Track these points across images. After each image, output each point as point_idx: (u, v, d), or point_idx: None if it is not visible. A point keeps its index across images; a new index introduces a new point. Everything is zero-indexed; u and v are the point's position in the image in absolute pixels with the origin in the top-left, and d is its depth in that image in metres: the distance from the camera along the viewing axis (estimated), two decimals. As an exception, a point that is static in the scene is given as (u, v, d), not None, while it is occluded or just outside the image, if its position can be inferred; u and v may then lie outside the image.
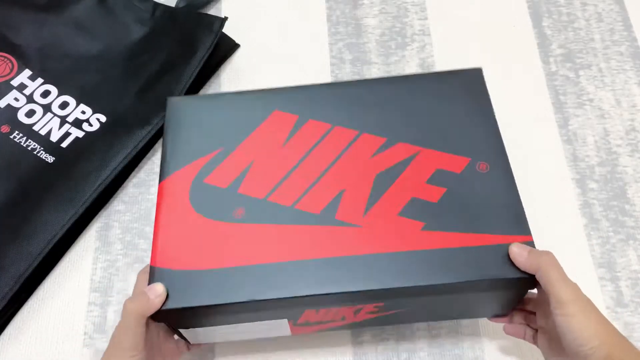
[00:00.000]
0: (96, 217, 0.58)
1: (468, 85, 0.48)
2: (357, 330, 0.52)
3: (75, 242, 0.57)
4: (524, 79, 0.65)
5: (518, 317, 0.46)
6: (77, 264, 0.56)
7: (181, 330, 0.43)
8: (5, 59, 0.62)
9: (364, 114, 0.47)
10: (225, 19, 0.64)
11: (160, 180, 0.45)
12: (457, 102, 0.47)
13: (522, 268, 0.39)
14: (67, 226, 0.54)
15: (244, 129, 0.47)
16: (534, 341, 0.45)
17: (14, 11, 0.64)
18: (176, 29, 0.64)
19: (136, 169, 0.60)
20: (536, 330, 0.45)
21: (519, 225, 0.41)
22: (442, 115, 0.46)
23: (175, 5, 0.68)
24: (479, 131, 0.46)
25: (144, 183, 0.60)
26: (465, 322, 0.52)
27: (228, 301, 0.39)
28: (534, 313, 0.45)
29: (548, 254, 0.39)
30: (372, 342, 0.52)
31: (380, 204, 0.43)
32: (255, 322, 0.43)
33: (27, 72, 0.61)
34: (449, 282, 0.39)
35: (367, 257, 0.40)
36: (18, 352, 0.52)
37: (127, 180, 0.60)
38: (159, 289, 0.39)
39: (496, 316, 0.48)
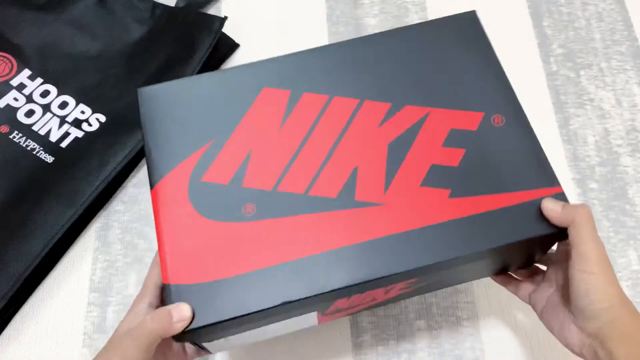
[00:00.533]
0: (96, 217, 0.58)
1: (465, 31, 0.45)
2: (357, 330, 0.52)
3: (74, 242, 0.57)
4: (525, 78, 0.65)
5: (522, 272, 0.46)
6: (77, 264, 0.56)
7: (203, 344, 0.40)
8: (5, 59, 0.62)
9: (362, 77, 0.43)
10: (225, 18, 0.64)
11: (151, 187, 0.41)
12: (456, 51, 0.44)
13: (556, 223, 0.38)
14: (66, 226, 0.54)
15: (233, 114, 0.43)
16: (529, 300, 0.44)
17: (14, 11, 0.64)
18: (176, 28, 0.64)
19: (136, 169, 0.60)
20: (534, 289, 0.44)
21: (547, 176, 0.39)
22: (444, 68, 0.43)
23: (175, 4, 0.68)
24: (486, 81, 0.43)
25: (143, 183, 0.59)
26: (465, 322, 0.52)
27: (258, 309, 0.36)
28: (537, 272, 0.45)
29: (584, 207, 0.38)
30: (372, 342, 0.52)
31: (399, 176, 0.40)
32: (284, 321, 0.40)
33: (27, 72, 0.61)
34: (486, 248, 0.37)
35: (397, 237, 0.38)
36: (18, 352, 0.52)
37: (127, 180, 0.60)
38: (185, 312, 0.36)
39: (502, 272, 0.46)
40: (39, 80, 0.61)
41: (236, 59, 0.67)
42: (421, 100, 0.43)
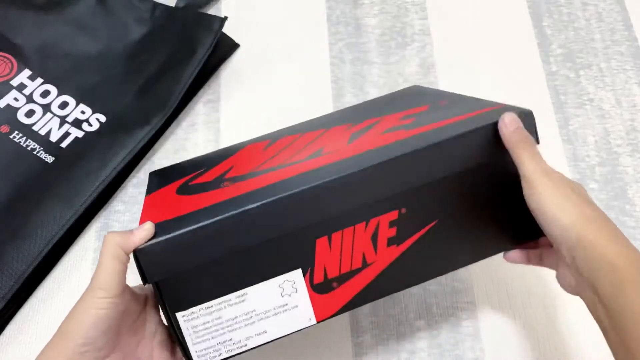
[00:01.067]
0: (96, 217, 0.58)
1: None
2: (357, 330, 0.52)
3: (75, 242, 0.57)
4: (525, 78, 0.65)
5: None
6: (77, 264, 0.56)
7: (181, 325, 0.37)
8: (5, 59, 0.62)
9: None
10: (225, 18, 0.64)
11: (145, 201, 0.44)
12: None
13: (503, 140, 0.38)
14: (66, 226, 0.54)
15: (219, 159, 0.48)
16: (540, 261, 0.43)
17: (14, 11, 0.64)
18: (176, 28, 0.64)
19: (136, 169, 0.60)
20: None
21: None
22: None
23: (175, 5, 0.68)
24: None
25: (143, 183, 0.59)
26: (465, 322, 0.52)
27: (217, 218, 0.35)
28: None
29: (528, 137, 0.38)
30: (372, 342, 0.52)
31: (362, 137, 0.43)
32: (265, 289, 0.38)
33: (27, 72, 0.61)
34: (436, 142, 0.38)
35: (358, 156, 0.39)
36: (18, 352, 0.52)
37: (127, 180, 0.60)
38: (146, 224, 0.36)
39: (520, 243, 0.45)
40: (39, 80, 0.61)
41: (236, 59, 0.67)
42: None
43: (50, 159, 0.57)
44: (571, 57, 0.66)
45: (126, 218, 0.58)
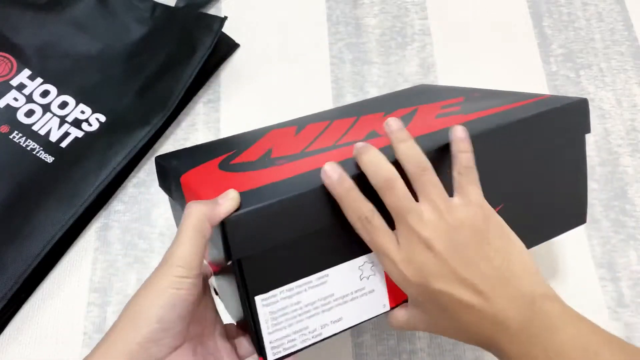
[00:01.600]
0: (96, 217, 0.58)
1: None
2: (357, 330, 0.52)
3: (74, 243, 0.57)
4: (525, 78, 0.65)
5: None
6: (77, 264, 0.56)
7: (259, 311, 0.33)
8: (5, 59, 0.62)
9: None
10: (225, 18, 0.64)
11: (178, 177, 0.40)
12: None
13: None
14: (66, 226, 0.54)
15: (245, 142, 0.44)
16: None
17: (14, 11, 0.64)
18: (176, 28, 0.64)
19: (136, 169, 0.60)
20: None
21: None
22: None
23: (175, 4, 0.68)
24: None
25: (143, 183, 0.59)
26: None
27: (312, 188, 0.33)
28: None
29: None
30: (372, 342, 0.52)
31: (415, 121, 0.42)
32: (345, 270, 0.35)
33: (27, 72, 0.61)
34: (526, 116, 0.38)
35: (435, 132, 0.39)
36: (18, 352, 0.52)
37: (127, 180, 0.60)
38: (230, 192, 0.32)
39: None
40: (39, 80, 0.61)
41: (236, 59, 0.67)
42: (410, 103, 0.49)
43: (50, 159, 0.57)
44: (571, 57, 0.66)
45: (126, 218, 0.58)
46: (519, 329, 0.31)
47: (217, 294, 0.42)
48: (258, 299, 0.33)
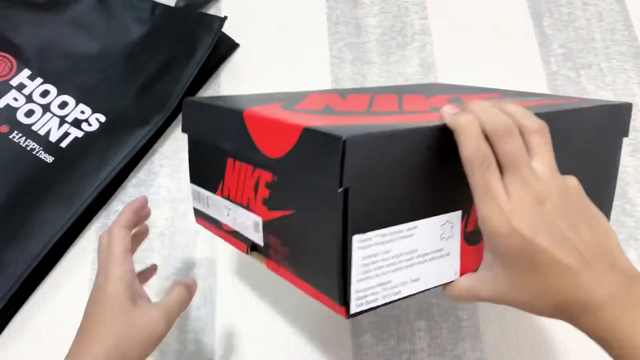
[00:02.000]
0: (95, 217, 0.58)
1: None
2: (357, 330, 0.52)
3: (74, 243, 0.57)
4: (525, 78, 0.65)
5: None
6: (76, 264, 0.56)
7: (353, 253, 0.31)
8: (5, 59, 0.62)
9: None
10: (225, 18, 0.64)
11: (239, 113, 0.37)
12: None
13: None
14: (66, 226, 0.54)
15: (291, 100, 0.41)
16: None
17: (14, 11, 0.64)
18: (175, 28, 0.64)
19: (136, 169, 0.60)
20: None
21: None
22: None
23: (175, 4, 0.68)
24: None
25: (143, 183, 0.59)
26: (465, 322, 0.52)
27: (430, 125, 0.32)
28: None
29: (467, 115, 0.33)
30: (372, 342, 0.52)
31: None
32: (430, 226, 0.34)
33: (27, 72, 0.61)
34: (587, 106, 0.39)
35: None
36: (17, 352, 0.52)
37: (127, 180, 0.60)
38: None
39: None
40: (39, 80, 0.61)
41: (236, 59, 0.67)
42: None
43: (49, 159, 0.57)
44: (571, 57, 0.66)
45: (126, 218, 0.58)
46: (616, 295, 0.31)
47: (254, 250, 0.39)
48: (356, 238, 0.31)
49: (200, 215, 0.45)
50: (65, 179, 0.56)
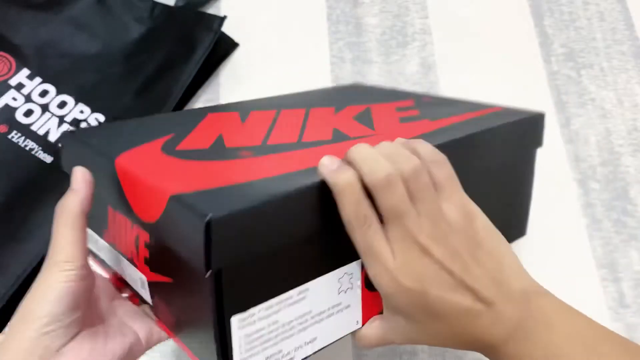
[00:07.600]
0: (95, 217, 0.58)
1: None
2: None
3: (73, 243, 0.56)
4: (526, 78, 0.65)
5: None
6: (76, 265, 0.55)
7: (233, 334, 0.28)
8: (3, 58, 0.61)
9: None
10: (225, 17, 0.63)
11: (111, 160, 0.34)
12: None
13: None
14: (65, 226, 0.54)
15: (184, 125, 0.40)
16: None
17: (12, 10, 0.64)
18: (175, 28, 0.64)
19: (135, 169, 0.60)
20: None
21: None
22: None
23: (174, 4, 0.68)
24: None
25: (143, 183, 0.59)
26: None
27: (306, 185, 0.29)
28: None
29: (345, 171, 0.31)
30: (372, 343, 0.51)
31: (378, 121, 0.41)
32: (325, 283, 0.32)
33: (26, 72, 0.61)
34: (494, 126, 0.39)
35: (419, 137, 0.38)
36: (16, 353, 0.51)
37: (126, 180, 0.59)
38: (78, 171, 0.33)
39: None
40: (38, 79, 0.61)
41: (235, 59, 0.67)
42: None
43: (48, 159, 0.57)
44: (572, 56, 0.66)
45: (125, 218, 0.57)
46: (516, 327, 0.31)
47: (143, 302, 0.36)
48: (235, 319, 0.28)
49: (96, 257, 0.41)
50: (65, 179, 0.56)
